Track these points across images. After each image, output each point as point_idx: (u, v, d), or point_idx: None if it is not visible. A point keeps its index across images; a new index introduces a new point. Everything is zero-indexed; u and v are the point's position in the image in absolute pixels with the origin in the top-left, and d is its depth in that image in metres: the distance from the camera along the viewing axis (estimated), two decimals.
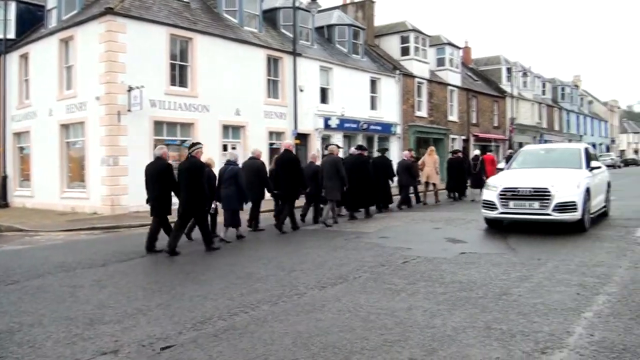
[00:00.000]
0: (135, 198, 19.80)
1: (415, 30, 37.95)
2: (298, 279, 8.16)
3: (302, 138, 27.07)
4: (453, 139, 40.74)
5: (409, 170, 19.85)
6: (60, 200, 22.01)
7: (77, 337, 5.75)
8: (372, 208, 17.40)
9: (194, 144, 12.04)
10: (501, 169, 14.83)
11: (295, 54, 26.06)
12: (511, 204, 11.99)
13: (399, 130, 34.56)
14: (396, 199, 19.38)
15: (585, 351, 4.95)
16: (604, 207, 14.39)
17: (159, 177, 11.37)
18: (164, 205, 11.37)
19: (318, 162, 15.97)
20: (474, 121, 44.36)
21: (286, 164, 14.12)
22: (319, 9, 30.45)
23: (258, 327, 5.90)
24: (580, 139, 66.18)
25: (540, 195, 11.64)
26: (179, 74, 22.13)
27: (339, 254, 10.29)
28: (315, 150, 27.28)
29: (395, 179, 19.60)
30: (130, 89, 19.74)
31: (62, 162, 22.38)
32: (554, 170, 12.74)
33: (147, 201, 11.62)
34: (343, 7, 38.18)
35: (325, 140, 28.62)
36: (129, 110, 19.81)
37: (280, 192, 14.31)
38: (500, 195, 12.09)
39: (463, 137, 42.02)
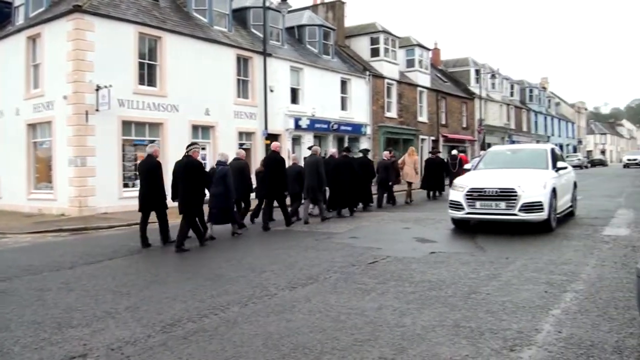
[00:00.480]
0: (103, 199, 19.69)
1: (385, 31, 38.14)
2: (268, 280, 8.13)
3: (273, 138, 26.85)
4: (422, 140, 41.04)
5: (388, 170, 20.17)
6: (27, 201, 21.63)
7: (45, 341, 5.65)
8: (358, 207, 18.42)
9: (190, 144, 12.52)
10: (468, 170, 14.89)
11: (265, 54, 25.99)
12: (478, 204, 12.04)
13: (369, 130, 34.68)
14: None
15: (553, 348, 5.02)
16: (570, 206, 14.49)
17: (150, 175, 12.31)
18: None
19: (301, 163, 16.73)
20: (443, 122, 44.74)
21: (273, 164, 14.49)
22: (289, 9, 30.42)
23: (228, 328, 5.86)
24: (548, 140, 67.16)
25: (507, 195, 11.68)
26: (147, 74, 21.90)
27: (309, 255, 10.29)
28: (285, 151, 27.27)
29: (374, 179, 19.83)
30: (98, 88, 19.49)
31: (29, 162, 22.00)
32: (520, 170, 12.82)
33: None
34: (313, 8, 38.19)
35: (296, 141, 28.66)
36: (97, 110, 19.55)
37: (265, 191, 14.78)
38: (467, 195, 12.15)
39: (432, 138, 42.34)
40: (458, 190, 12.54)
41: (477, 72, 51.64)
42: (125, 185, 20.80)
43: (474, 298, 6.78)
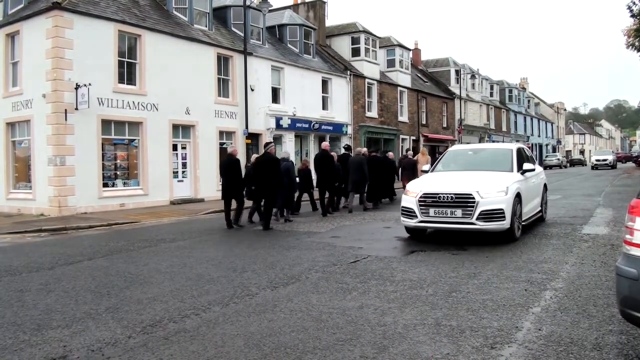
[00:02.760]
0: (83, 199, 19.54)
1: (365, 31, 38.22)
2: (250, 280, 8.11)
3: (253, 138, 26.95)
4: (403, 140, 41.20)
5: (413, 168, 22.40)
6: (6, 201, 21.42)
7: (25, 343, 5.58)
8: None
9: (267, 143, 15.71)
10: (426, 171, 13.38)
11: (246, 53, 25.92)
12: (431, 211, 10.82)
13: (350, 130, 34.74)
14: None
15: (533, 345, 5.06)
16: (540, 211, 13.55)
17: (231, 170, 15.01)
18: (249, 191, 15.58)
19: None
20: (424, 122, 44.95)
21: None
22: (270, 8, 30.35)
23: (209, 329, 5.84)
24: (527, 140, 67.79)
25: (463, 201, 10.53)
26: (127, 72, 21.75)
27: (291, 254, 10.28)
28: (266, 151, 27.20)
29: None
30: (77, 87, 19.34)
31: (7, 162, 21.75)
32: (480, 173, 11.79)
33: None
34: (294, 7, 38.17)
35: (277, 140, 28.61)
36: (76, 109, 19.41)
37: (318, 184, 17.20)
38: (420, 201, 10.96)
39: (413, 138, 42.51)
40: (410, 195, 11.31)
41: (457, 72, 51.94)
42: (105, 185, 20.65)
43: (455, 296, 6.82)
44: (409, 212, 11.25)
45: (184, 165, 24.10)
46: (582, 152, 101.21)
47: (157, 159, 22.32)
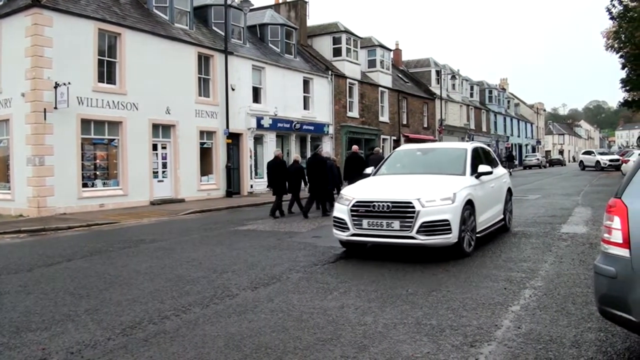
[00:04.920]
0: (62, 199, 19.35)
1: (347, 31, 38.25)
2: (230, 281, 8.08)
3: (234, 137, 26.89)
4: (384, 140, 41.28)
5: None
6: None
7: (3, 346, 5.51)
8: None
9: (317, 146, 19.30)
10: (368, 175, 11.55)
11: (226, 52, 25.84)
12: (365, 222, 9.20)
13: (331, 130, 34.74)
14: None
15: (512, 343, 5.09)
16: (502, 220, 11.93)
17: (277, 171, 17.82)
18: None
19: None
20: (405, 122, 45.10)
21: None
22: (251, 7, 30.34)
23: (189, 330, 5.81)
24: (507, 140, 68.29)
25: (402, 211, 8.91)
26: (107, 71, 21.56)
27: (271, 254, 10.26)
28: (248, 150, 27.26)
29: None
30: (56, 86, 19.13)
31: None
32: (426, 177, 10.15)
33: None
34: (275, 7, 38.08)
35: (258, 140, 28.60)
36: (55, 108, 19.19)
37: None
38: (352, 210, 9.35)
39: (394, 138, 42.63)
40: (342, 203, 9.69)
41: (438, 73, 52.17)
42: (85, 185, 20.47)
43: (435, 295, 6.85)
44: (340, 224, 9.66)
45: (164, 165, 23.95)
46: (561, 152, 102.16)
47: (137, 159, 22.17)
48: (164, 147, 23.90)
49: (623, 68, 36.68)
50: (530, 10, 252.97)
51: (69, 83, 19.03)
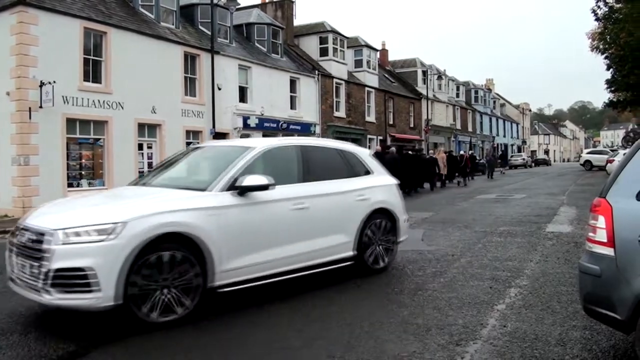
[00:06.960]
0: (47, 199, 18.96)
1: (333, 31, 38.26)
2: None
3: (221, 137, 26.74)
4: (370, 139, 41.31)
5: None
6: None
7: None
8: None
9: (388, 146, 21.96)
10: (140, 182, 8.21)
11: (213, 51, 25.74)
12: (15, 258, 5.97)
13: (318, 130, 34.71)
14: None
15: (498, 342, 5.10)
16: (344, 259, 7.76)
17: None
18: None
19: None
20: (391, 122, 45.15)
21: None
22: (238, 6, 30.19)
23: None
24: (493, 140, 68.61)
25: (32, 247, 5.71)
26: (92, 70, 21.30)
27: None
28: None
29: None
30: (41, 84, 18.89)
31: None
32: (145, 193, 7.04)
33: None
34: (262, 6, 37.96)
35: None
36: (40, 107, 18.97)
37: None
38: (10, 241, 6.22)
39: (380, 138, 42.64)
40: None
41: (424, 73, 52.21)
42: (70, 185, 20.28)
43: (421, 295, 6.84)
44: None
45: (150, 165, 23.75)
46: (546, 152, 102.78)
47: (122, 158, 22.00)
48: (149, 147, 23.76)
49: (608, 69, 37.02)
50: (516, 12, 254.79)
51: (55, 82, 18.81)
